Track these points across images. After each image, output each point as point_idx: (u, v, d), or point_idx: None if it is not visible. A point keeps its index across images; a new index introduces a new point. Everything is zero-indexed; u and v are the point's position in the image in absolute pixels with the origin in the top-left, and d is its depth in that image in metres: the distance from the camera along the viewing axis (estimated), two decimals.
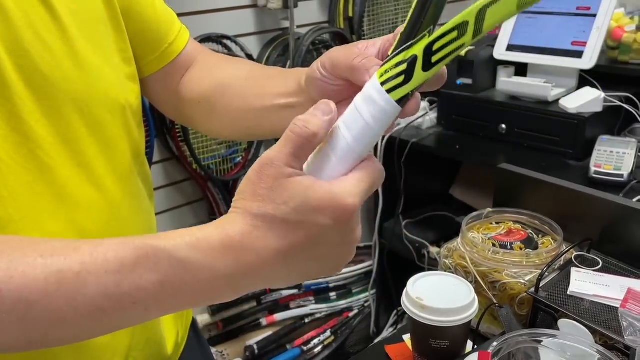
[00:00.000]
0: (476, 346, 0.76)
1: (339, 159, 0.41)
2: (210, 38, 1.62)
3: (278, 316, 1.99)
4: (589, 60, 1.45)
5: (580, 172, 1.39)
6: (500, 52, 1.61)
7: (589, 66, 1.45)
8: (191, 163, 1.67)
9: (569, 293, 0.74)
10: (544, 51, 1.53)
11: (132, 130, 0.62)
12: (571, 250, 0.81)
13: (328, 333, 2.02)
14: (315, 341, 1.98)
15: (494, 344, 0.61)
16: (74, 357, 0.56)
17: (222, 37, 1.65)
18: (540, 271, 0.76)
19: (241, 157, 1.80)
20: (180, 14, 1.53)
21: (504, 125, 1.58)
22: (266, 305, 1.98)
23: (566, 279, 0.76)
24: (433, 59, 0.39)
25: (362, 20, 1.93)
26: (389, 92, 0.40)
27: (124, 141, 0.61)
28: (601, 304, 0.72)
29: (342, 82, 0.49)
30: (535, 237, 0.86)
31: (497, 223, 0.90)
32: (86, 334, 0.43)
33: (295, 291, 2.03)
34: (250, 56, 1.72)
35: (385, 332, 2.09)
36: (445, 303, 0.71)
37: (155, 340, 0.67)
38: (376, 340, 2.04)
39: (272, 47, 1.77)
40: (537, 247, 0.83)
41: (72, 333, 0.41)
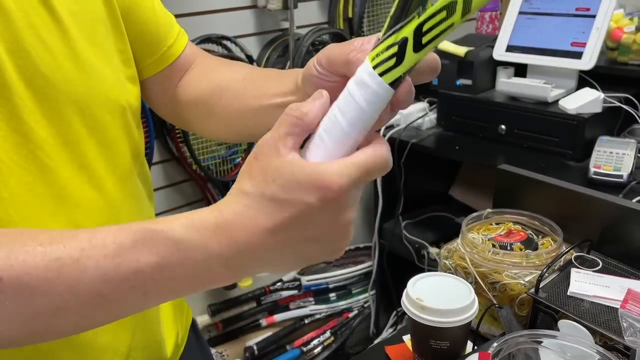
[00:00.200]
0: (476, 347, 0.76)
1: (334, 143, 0.41)
2: (210, 39, 1.62)
3: (278, 317, 1.99)
4: (588, 61, 1.45)
5: (579, 172, 1.39)
6: (499, 53, 1.61)
7: (588, 67, 1.45)
8: (191, 164, 1.67)
9: (568, 294, 0.74)
10: (543, 52, 1.53)
11: (132, 131, 0.63)
12: (571, 251, 0.81)
13: (328, 334, 2.02)
14: (315, 342, 1.98)
15: (494, 344, 0.61)
16: (75, 358, 0.56)
17: (221, 37, 1.65)
18: (540, 272, 0.76)
19: (241, 158, 1.80)
20: (180, 15, 1.54)
21: (503, 126, 1.58)
22: (266, 305, 1.98)
23: (566, 280, 0.77)
24: (423, 40, 0.39)
25: (362, 21, 1.93)
26: (381, 75, 0.40)
27: (123, 142, 0.61)
28: (601, 304, 0.72)
29: (338, 79, 0.49)
30: (535, 237, 0.86)
31: (497, 224, 0.90)
32: (87, 323, 0.43)
33: (295, 292, 2.03)
34: (250, 57, 1.72)
35: (385, 332, 2.09)
36: (445, 304, 0.71)
37: (155, 341, 0.67)
38: (376, 341, 2.04)
39: (272, 47, 1.77)
40: (537, 248, 0.83)
41: (73, 321, 0.41)
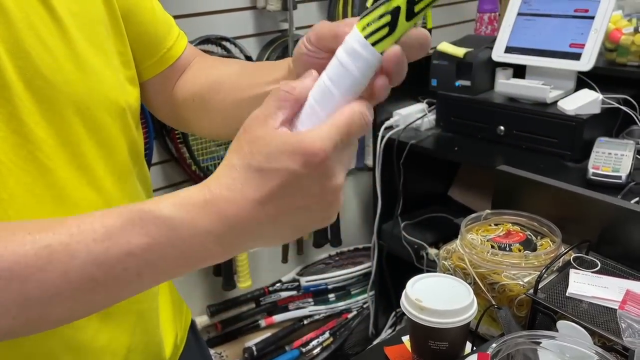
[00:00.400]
0: (475, 347, 0.76)
1: (326, 112, 0.41)
2: (209, 40, 1.62)
3: (277, 317, 1.99)
4: (587, 62, 1.45)
5: (578, 173, 1.39)
6: (498, 54, 1.61)
7: (587, 68, 1.45)
8: (190, 164, 1.67)
9: (567, 294, 0.74)
10: (542, 53, 1.53)
11: (131, 132, 0.63)
12: (570, 252, 0.81)
13: (327, 334, 2.02)
14: (314, 342, 1.98)
15: (493, 345, 0.61)
16: (74, 359, 0.56)
17: (221, 38, 1.65)
18: (539, 273, 0.76)
19: None
20: (180, 16, 1.54)
21: (502, 127, 1.58)
22: (265, 306, 1.98)
23: (565, 281, 0.77)
24: (416, 8, 0.39)
25: None
26: (373, 45, 0.40)
27: (123, 143, 0.61)
28: (600, 305, 0.72)
29: (327, 55, 0.49)
30: (534, 238, 0.87)
31: (496, 224, 0.90)
32: (83, 308, 0.43)
33: (294, 293, 2.03)
34: (250, 58, 1.72)
35: (384, 333, 2.09)
36: (444, 304, 0.71)
37: (154, 342, 0.67)
38: (375, 342, 2.04)
39: (271, 48, 1.77)
40: (535, 249, 0.83)
41: (69, 308, 0.41)
